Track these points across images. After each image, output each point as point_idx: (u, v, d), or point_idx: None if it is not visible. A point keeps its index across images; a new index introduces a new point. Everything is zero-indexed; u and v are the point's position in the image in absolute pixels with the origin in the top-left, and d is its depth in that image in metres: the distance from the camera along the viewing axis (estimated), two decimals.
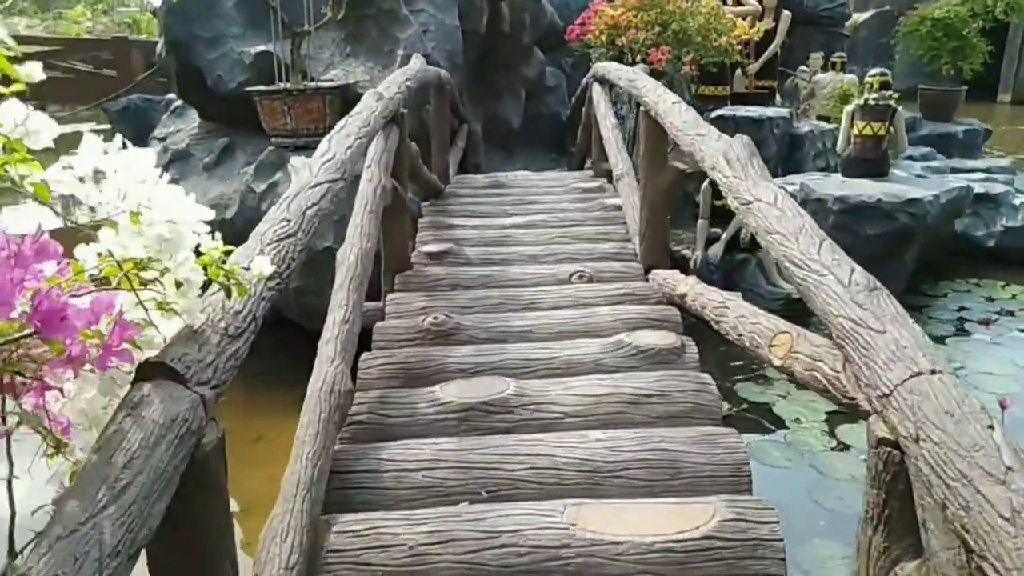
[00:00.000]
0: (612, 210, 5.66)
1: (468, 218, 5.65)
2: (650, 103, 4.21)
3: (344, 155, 3.06)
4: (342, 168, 2.97)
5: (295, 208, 2.49)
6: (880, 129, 8.64)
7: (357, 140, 3.31)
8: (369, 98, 3.93)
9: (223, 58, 8.16)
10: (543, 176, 7.04)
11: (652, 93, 4.25)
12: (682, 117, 3.70)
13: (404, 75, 4.75)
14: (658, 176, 4.43)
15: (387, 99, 4.05)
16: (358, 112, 3.64)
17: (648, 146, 4.45)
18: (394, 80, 4.50)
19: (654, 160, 4.44)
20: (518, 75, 9.50)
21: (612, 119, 6.10)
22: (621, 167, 5.51)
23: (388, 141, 4.20)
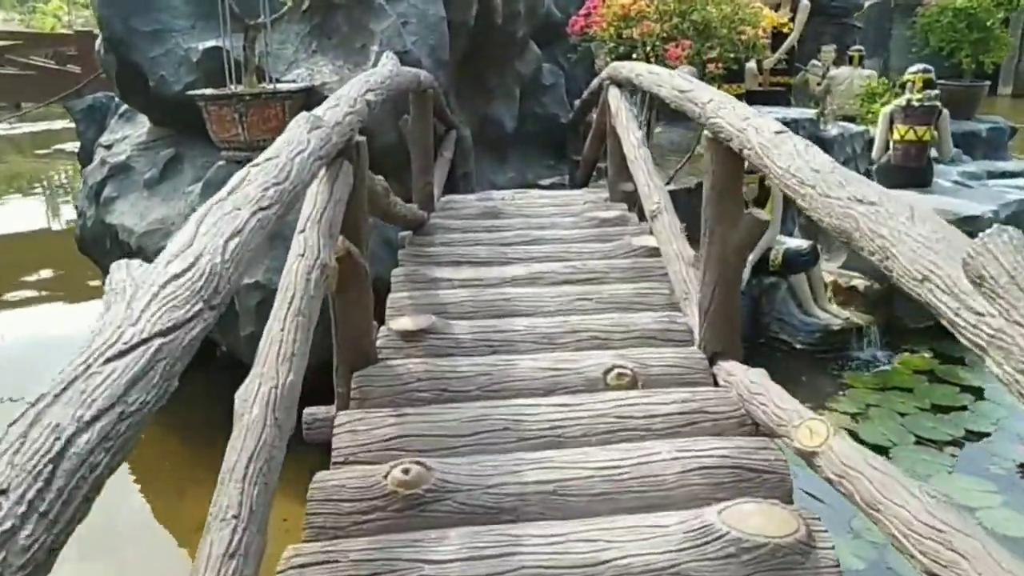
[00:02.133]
0: (644, 254, 4.04)
1: (456, 267, 4.01)
2: (729, 129, 2.58)
3: (212, 263, 1.45)
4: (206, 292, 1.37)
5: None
6: (924, 134, 7.04)
7: (254, 217, 1.70)
8: (297, 129, 2.28)
9: (167, 56, 6.46)
10: (547, 197, 5.41)
11: (732, 115, 2.62)
12: (810, 160, 2.09)
13: (363, 85, 3.08)
14: (731, 229, 2.84)
15: (328, 129, 2.40)
16: (270, 157, 2.01)
17: (718, 187, 2.84)
18: (346, 95, 2.84)
19: (727, 207, 2.84)
20: (512, 72, 7.81)
21: (637, 133, 4.47)
22: (657, 200, 3.88)
23: (335, 188, 2.57)
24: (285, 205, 1.88)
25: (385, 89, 3.42)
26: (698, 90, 3.04)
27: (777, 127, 2.37)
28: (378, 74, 3.45)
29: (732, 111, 2.64)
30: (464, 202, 5.37)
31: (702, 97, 2.91)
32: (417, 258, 4.13)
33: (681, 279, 3.44)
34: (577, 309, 3.47)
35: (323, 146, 2.30)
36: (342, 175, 2.66)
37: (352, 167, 2.76)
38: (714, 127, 2.73)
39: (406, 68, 4.35)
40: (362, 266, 2.84)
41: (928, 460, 5.22)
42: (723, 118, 2.64)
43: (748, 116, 2.53)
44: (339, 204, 2.57)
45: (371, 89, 3.12)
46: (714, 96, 2.86)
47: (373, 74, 3.43)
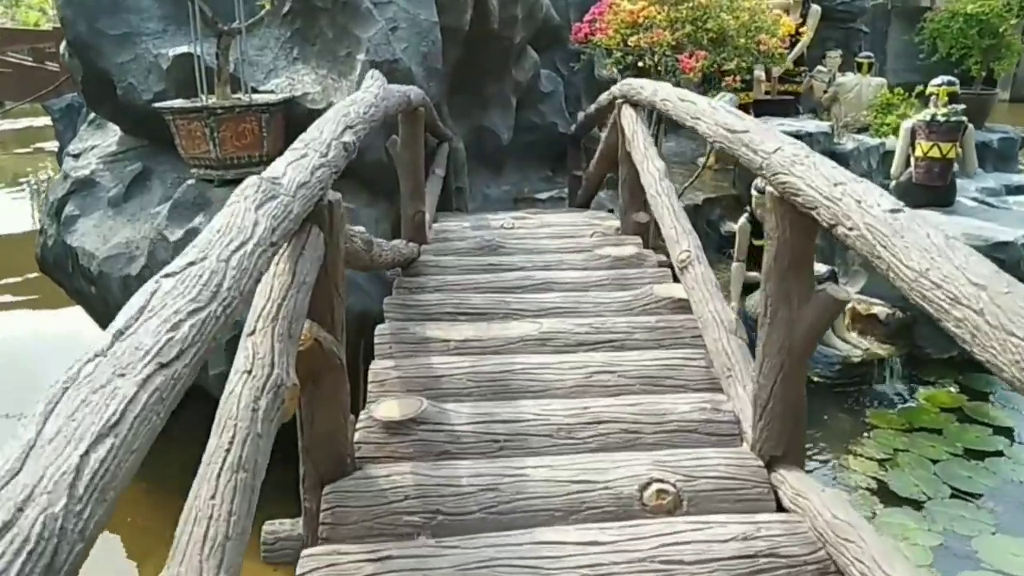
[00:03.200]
0: (670, 308, 3.37)
1: (452, 322, 3.33)
2: (813, 195, 1.91)
3: (47, 517, 0.80)
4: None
5: None
6: (949, 151, 6.39)
7: (147, 388, 1.04)
8: (240, 204, 1.59)
9: (136, 62, 5.74)
10: (550, 227, 4.72)
11: (816, 175, 1.95)
12: (962, 263, 1.42)
13: (338, 122, 2.39)
14: (800, 310, 2.19)
15: (288, 197, 1.72)
16: (193, 260, 1.32)
17: (784, 259, 2.18)
18: (316, 140, 2.15)
19: (795, 283, 2.19)
20: (508, 80, 7.11)
21: (658, 163, 3.79)
22: (687, 248, 3.20)
23: (299, 268, 1.90)
24: (207, 342, 1.21)
25: (368, 121, 2.73)
26: (756, 132, 2.37)
27: (892, 202, 1.71)
28: (360, 103, 2.75)
29: (813, 168, 1.97)
30: (459, 232, 4.67)
31: (765, 144, 2.24)
32: (406, 308, 3.44)
33: (722, 350, 2.78)
34: (597, 386, 2.80)
35: (279, 225, 1.62)
36: (309, 248, 1.98)
37: (323, 234, 2.09)
38: (786, 188, 2.06)
39: (394, 87, 3.66)
40: (335, 355, 2.17)
41: (967, 518, 4.60)
42: (802, 178, 1.98)
43: (841, 180, 1.86)
44: (304, 288, 1.90)
45: (350, 126, 2.43)
46: (782, 144, 2.19)
47: (354, 103, 2.73)
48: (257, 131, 5.09)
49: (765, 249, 2.28)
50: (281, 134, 5.26)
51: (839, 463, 5.23)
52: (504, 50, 6.85)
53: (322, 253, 2.08)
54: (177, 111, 5.02)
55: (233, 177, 5.08)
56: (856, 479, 5.05)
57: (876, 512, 4.68)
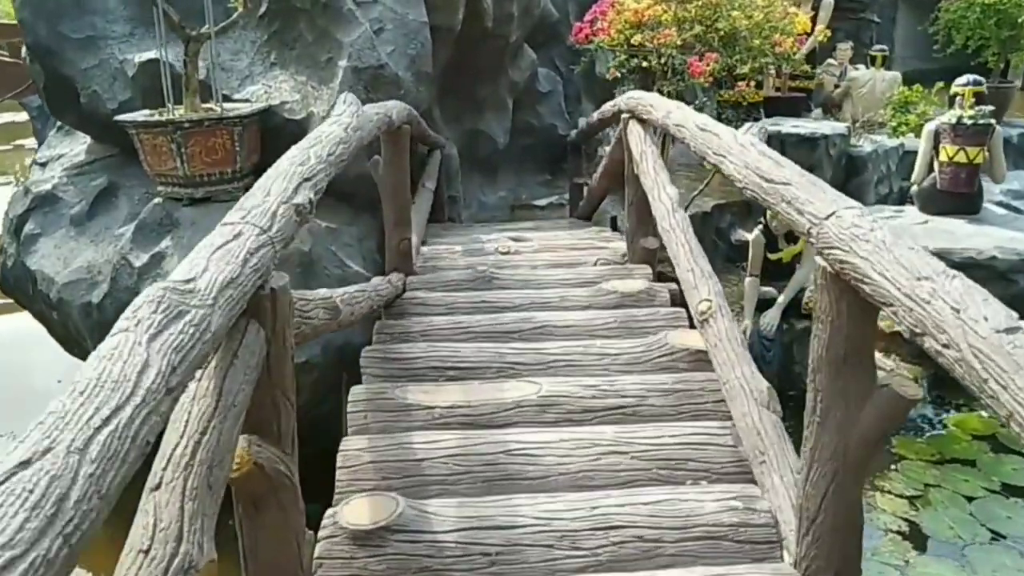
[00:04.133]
0: (688, 363, 2.92)
1: (437, 382, 2.87)
2: (885, 287, 1.47)
3: None
4: None
5: None
6: (976, 156, 5.93)
7: None
8: (124, 336, 1.16)
9: (100, 68, 5.28)
10: (553, 251, 4.27)
11: (887, 259, 1.50)
12: None
13: (290, 177, 1.91)
14: (858, 410, 1.76)
15: (204, 310, 1.28)
16: (24, 460, 0.90)
17: (839, 349, 1.74)
18: (258, 208, 1.68)
19: (853, 378, 1.75)
20: (504, 81, 6.64)
21: (670, 189, 3.33)
22: (708, 297, 2.75)
23: (226, 386, 1.46)
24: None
25: (336, 164, 2.28)
26: (801, 186, 1.91)
27: (1005, 315, 1.27)
28: (325, 141, 2.30)
29: (885, 250, 1.52)
30: (450, 259, 4.22)
31: (814, 205, 1.79)
32: (386, 363, 2.99)
33: (752, 428, 2.34)
34: (606, 472, 2.36)
35: (186, 358, 1.18)
36: (244, 352, 1.54)
37: (263, 330, 1.64)
38: (846, 268, 1.62)
39: (372, 110, 3.20)
40: (283, 475, 1.73)
41: (1011, 567, 4.18)
42: (869, 261, 1.53)
43: (928, 273, 1.42)
44: (234, 412, 1.46)
45: (308, 179, 1.98)
46: (838, 206, 1.74)
47: (318, 141, 2.28)
48: (229, 145, 4.64)
49: (813, 335, 1.84)
50: (256, 147, 4.81)
51: (866, 501, 4.80)
52: (499, 49, 6.37)
53: (263, 354, 1.63)
54: (140, 125, 4.57)
55: (203, 196, 4.64)
56: (885, 520, 4.62)
57: (909, 560, 4.26)
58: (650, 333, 3.21)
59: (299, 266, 4.36)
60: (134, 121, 4.58)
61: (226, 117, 4.59)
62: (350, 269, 4.66)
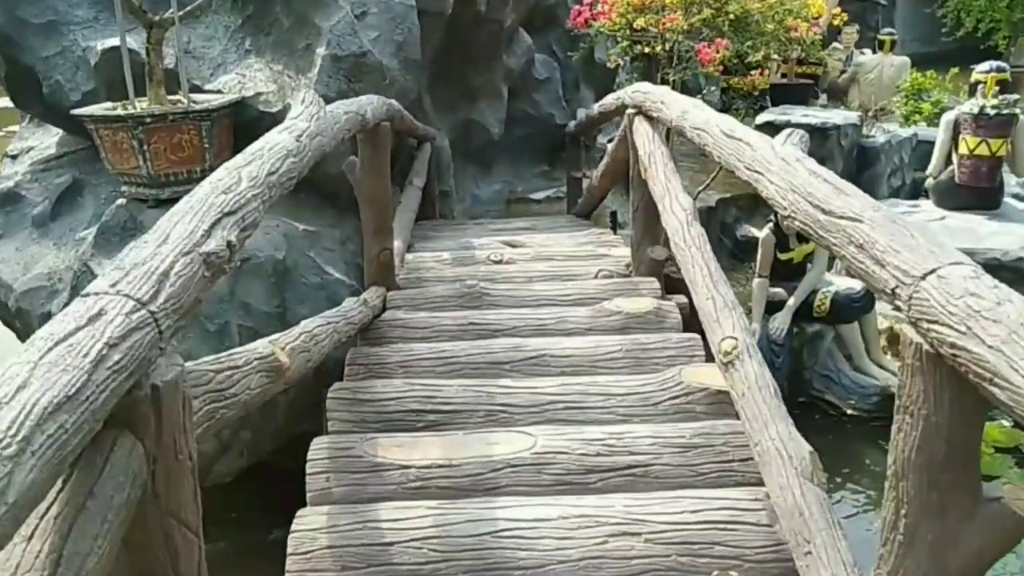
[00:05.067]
0: (706, 406, 2.41)
1: (414, 432, 2.36)
2: (1008, 376, 0.96)
3: None
4: None
5: None
6: (999, 148, 5.37)
7: None
8: None
9: (62, 56, 4.72)
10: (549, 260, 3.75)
11: (1020, 344, 0.99)
12: None
13: (204, 213, 1.37)
14: (958, 525, 1.26)
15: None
16: None
17: (931, 442, 1.24)
18: (139, 275, 1.17)
19: (952, 484, 1.25)
20: (499, 67, 6.06)
21: (683, 199, 2.79)
22: (733, 335, 2.22)
23: (69, 547, 0.96)
24: None
25: (282, 182, 1.75)
26: (877, 222, 1.39)
27: None
28: (267, 156, 1.77)
29: (1020, 337, 1.01)
30: (436, 269, 3.70)
31: (906, 259, 1.26)
32: (356, 406, 2.47)
33: (792, 506, 1.83)
34: (616, 560, 1.84)
35: None
36: (105, 487, 1.02)
37: (144, 443, 1.13)
38: (956, 349, 1.10)
39: (340, 108, 2.65)
40: None
41: None
42: (1005, 353, 1.02)
43: None
44: None
45: (233, 211, 1.45)
46: (939, 259, 1.22)
47: (255, 157, 1.75)
48: (197, 142, 4.10)
49: (897, 428, 1.32)
50: (228, 143, 4.26)
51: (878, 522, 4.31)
52: (493, 34, 5.79)
53: (145, 476, 1.12)
54: (99, 119, 4.02)
55: (170, 197, 4.09)
56: None
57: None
58: (661, 367, 2.69)
59: (272, 276, 3.84)
60: (92, 115, 4.04)
61: (193, 111, 4.04)
62: (330, 277, 4.14)
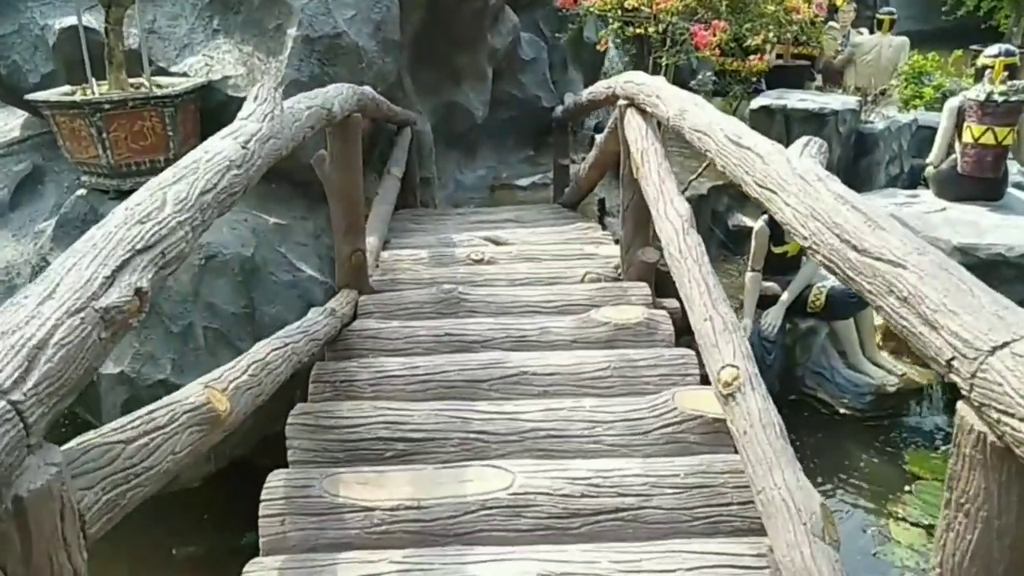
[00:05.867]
0: (700, 435, 2.16)
1: (381, 464, 2.09)
2: None
3: None
4: None
5: None
6: (1006, 136, 5.11)
7: None
8: None
9: (20, 35, 4.41)
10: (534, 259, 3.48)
11: None
12: None
13: (108, 255, 1.12)
14: None
15: None
16: None
17: (992, 557, 1.01)
18: (8, 341, 0.92)
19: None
20: (483, 48, 5.75)
21: (679, 204, 2.51)
22: (734, 363, 1.98)
23: None
24: None
25: (220, 200, 1.48)
26: (928, 273, 1.13)
27: None
28: (202, 169, 1.49)
29: None
30: (413, 270, 3.43)
31: (968, 323, 1.01)
32: (319, 435, 2.21)
33: (801, 569, 1.60)
34: None
35: None
36: None
37: (4, 572, 0.87)
38: None
39: (302, 102, 2.36)
40: None
41: None
42: None
43: None
44: None
45: (149, 247, 1.18)
46: (1013, 331, 0.97)
47: (187, 171, 1.47)
48: (160, 129, 3.80)
49: (945, 524, 1.08)
50: (194, 130, 3.95)
51: (879, 531, 4.11)
52: (478, 12, 5.47)
53: None
54: (55, 105, 3.72)
55: (131, 188, 3.76)
56: (900, 556, 3.93)
57: None
58: (652, 388, 2.44)
59: (239, 274, 3.56)
60: (47, 101, 3.73)
61: (155, 97, 3.73)
62: (303, 274, 3.86)
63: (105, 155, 3.72)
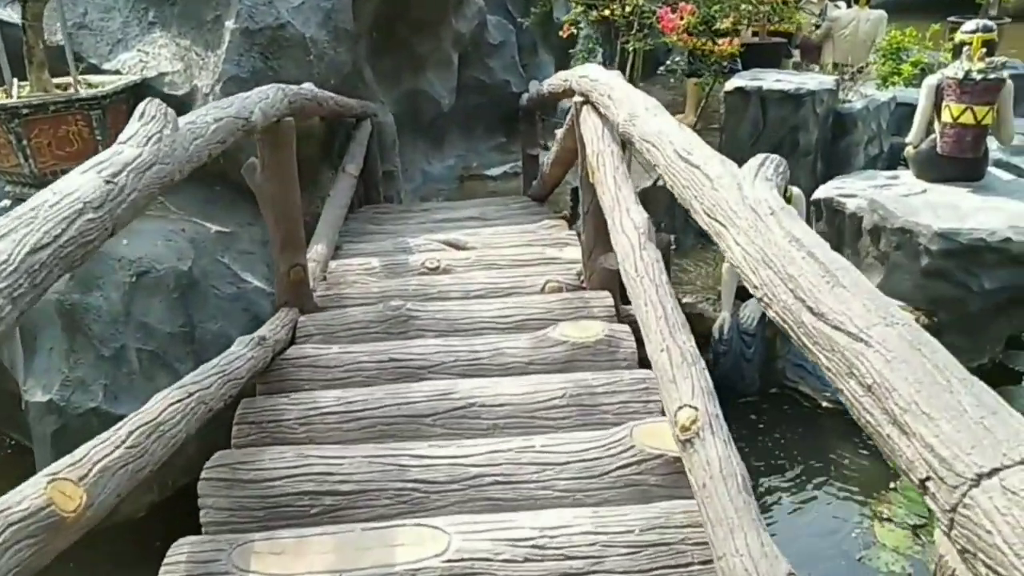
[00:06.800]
0: (659, 477, 1.93)
1: (298, 537, 1.78)
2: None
3: None
4: None
5: None
6: (985, 115, 4.85)
7: None
8: None
9: None
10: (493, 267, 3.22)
11: None
12: None
13: None
14: None
15: None
16: None
17: None
18: None
19: None
20: (448, 33, 5.44)
21: (637, 214, 2.26)
22: (691, 403, 1.74)
23: None
24: None
25: (56, 260, 1.22)
26: (889, 354, 0.89)
27: None
28: (40, 218, 1.24)
29: None
30: (361, 282, 3.17)
31: (951, 439, 0.77)
32: (235, 491, 1.95)
33: None
34: None
35: None
36: None
37: None
38: None
39: (210, 114, 2.08)
40: None
41: None
42: None
43: None
44: None
45: None
46: (1006, 455, 0.73)
47: (20, 223, 1.21)
48: (87, 134, 3.51)
49: None
50: None
51: (864, 532, 3.92)
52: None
53: None
54: None
55: None
56: (886, 560, 3.74)
57: None
58: (611, 419, 2.20)
59: (175, 290, 3.28)
60: None
61: (80, 98, 3.44)
62: (248, 285, 3.60)
63: (27, 163, 3.44)
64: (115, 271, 3.18)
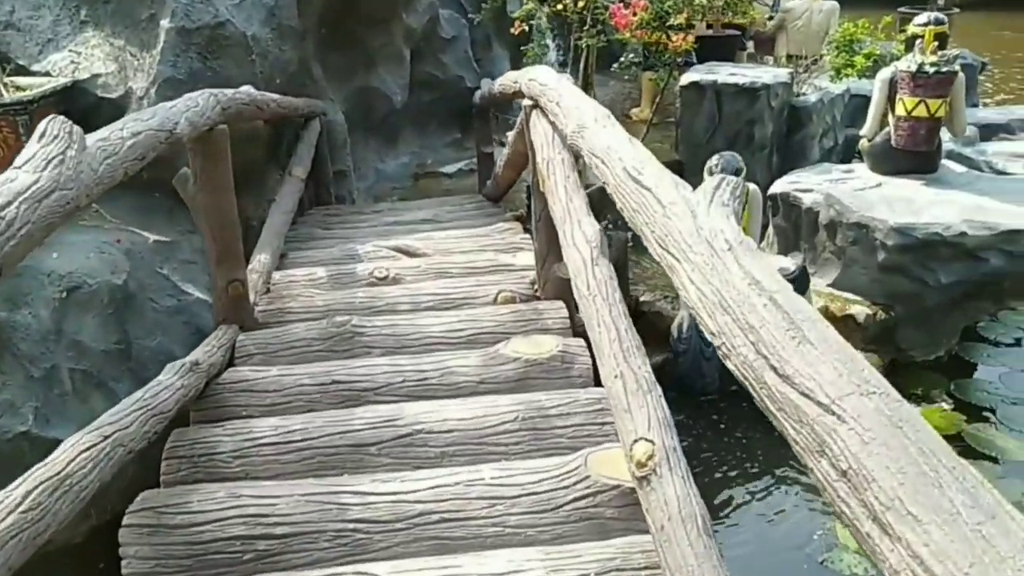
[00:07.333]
0: (615, 510, 1.80)
1: (233, 567, 1.72)
2: None
3: None
4: None
5: None
6: (938, 108, 4.79)
7: None
8: None
9: None
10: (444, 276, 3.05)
11: None
12: None
13: None
14: None
15: None
16: None
17: None
18: None
19: None
20: (399, 28, 5.23)
21: (588, 226, 2.12)
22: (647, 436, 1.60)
23: None
24: None
25: None
26: (865, 435, 0.76)
27: None
28: None
29: None
30: (306, 294, 2.98)
31: (930, 541, 0.64)
32: (161, 537, 1.77)
33: None
34: None
35: None
36: None
37: None
38: None
39: (128, 128, 1.89)
40: None
41: None
42: None
43: None
44: None
45: None
46: (975, 536, 0.60)
47: None
48: (13, 141, 3.27)
49: None
50: None
51: (826, 533, 3.84)
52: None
53: None
54: None
55: None
56: (849, 562, 3.67)
57: None
58: (565, 443, 2.06)
59: (109, 305, 3.07)
60: None
61: (4, 104, 3.20)
62: (189, 297, 3.39)
63: None
64: (44, 286, 2.96)
